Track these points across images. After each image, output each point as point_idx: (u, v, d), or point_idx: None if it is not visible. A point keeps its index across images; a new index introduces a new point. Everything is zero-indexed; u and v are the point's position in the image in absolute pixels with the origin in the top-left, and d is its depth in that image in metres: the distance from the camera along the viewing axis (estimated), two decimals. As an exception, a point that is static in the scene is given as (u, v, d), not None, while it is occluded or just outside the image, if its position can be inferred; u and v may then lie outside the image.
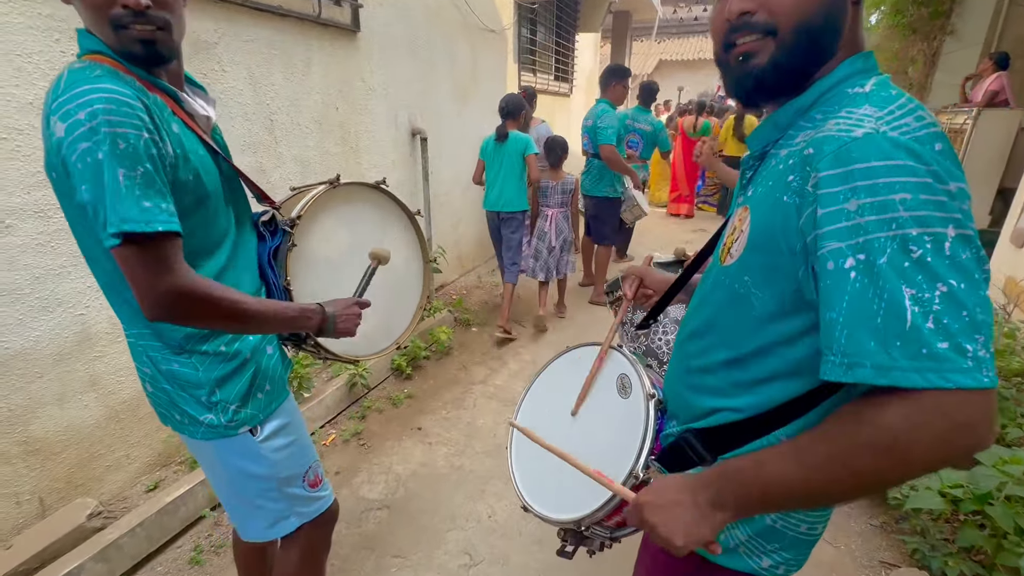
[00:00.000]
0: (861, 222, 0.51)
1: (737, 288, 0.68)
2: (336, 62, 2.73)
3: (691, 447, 0.76)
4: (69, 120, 0.75)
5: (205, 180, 0.93)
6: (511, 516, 2.06)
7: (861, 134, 0.53)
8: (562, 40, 6.47)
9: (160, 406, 1.04)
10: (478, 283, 4.61)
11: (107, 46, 0.84)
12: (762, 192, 0.65)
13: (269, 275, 1.11)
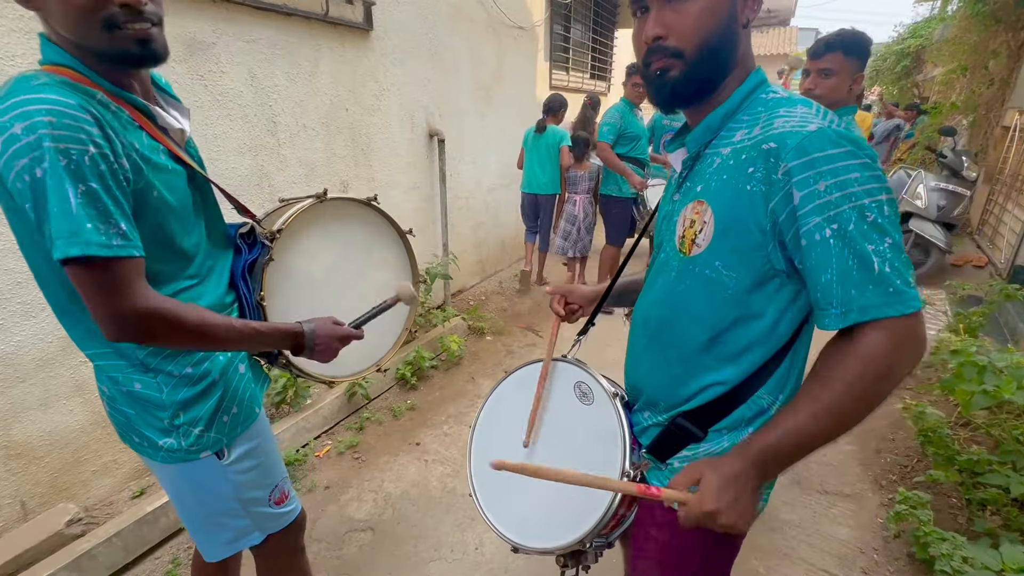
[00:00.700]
0: (830, 199, 0.65)
1: (708, 273, 0.77)
2: (346, 62, 2.66)
3: (683, 429, 0.86)
4: (4, 134, 0.69)
5: (169, 195, 0.88)
6: (499, 551, 1.91)
7: (815, 128, 0.66)
8: (599, 37, 6.22)
9: (119, 426, 1.01)
10: (499, 288, 4.48)
11: (73, 57, 0.79)
12: (718, 186, 0.75)
13: (241, 289, 1.07)
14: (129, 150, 0.81)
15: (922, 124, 7.26)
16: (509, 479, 0.97)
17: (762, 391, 0.81)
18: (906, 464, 2.30)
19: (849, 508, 2.09)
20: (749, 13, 0.75)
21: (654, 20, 0.74)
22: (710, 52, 0.74)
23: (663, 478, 0.89)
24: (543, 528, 0.96)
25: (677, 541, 0.89)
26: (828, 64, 1.87)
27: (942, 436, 1.95)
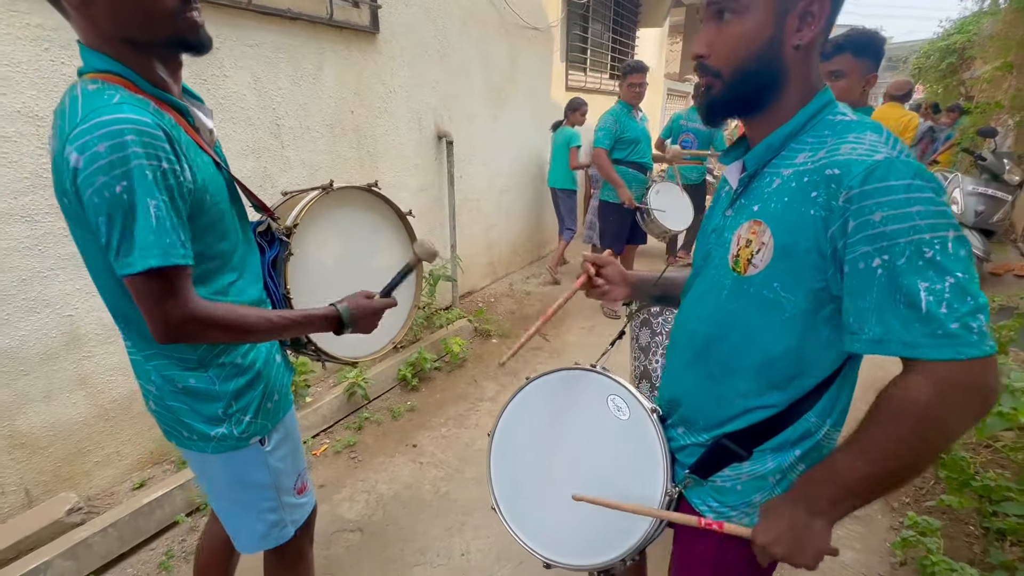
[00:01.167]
0: (884, 230, 0.63)
1: (766, 294, 0.76)
2: (351, 64, 2.68)
3: (727, 450, 0.85)
4: (87, 152, 0.73)
5: (218, 198, 0.93)
6: (485, 558, 1.89)
7: (881, 158, 0.65)
8: (620, 36, 6.13)
9: (165, 423, 1.05)
10: (508, 291, 4.45)
11: (127, 68, 0.82)
12: (779, 208, 0.74)
13: (269, 285, 1.13)
14: (189, 162, 0.85)
15: (961, 125, 6.85)
16: (534, 491, 1.03)
17: (809, 414, 0.80)
18: (920, 487, 2.17)
19: (856, 530, 1.98)
20: (802, 36, 0.73)
21: (701, 37, 0.78)
22: (746, 75, 0.76)
23: (704, 495, 0.91)
24: (579, 545, 0.96)
25: (723, 559, 0.90)
26: (838, 66, 1.82)
27: (956, 458, 1.82)
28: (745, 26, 0.73)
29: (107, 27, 0.80)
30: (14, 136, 1.60)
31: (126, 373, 2.01)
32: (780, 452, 0.83)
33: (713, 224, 0.90)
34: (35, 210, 1.67)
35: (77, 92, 0.79)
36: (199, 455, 1.06)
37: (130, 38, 0.82)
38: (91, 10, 0.79)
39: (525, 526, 1.02)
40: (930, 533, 1.71)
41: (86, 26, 0.81)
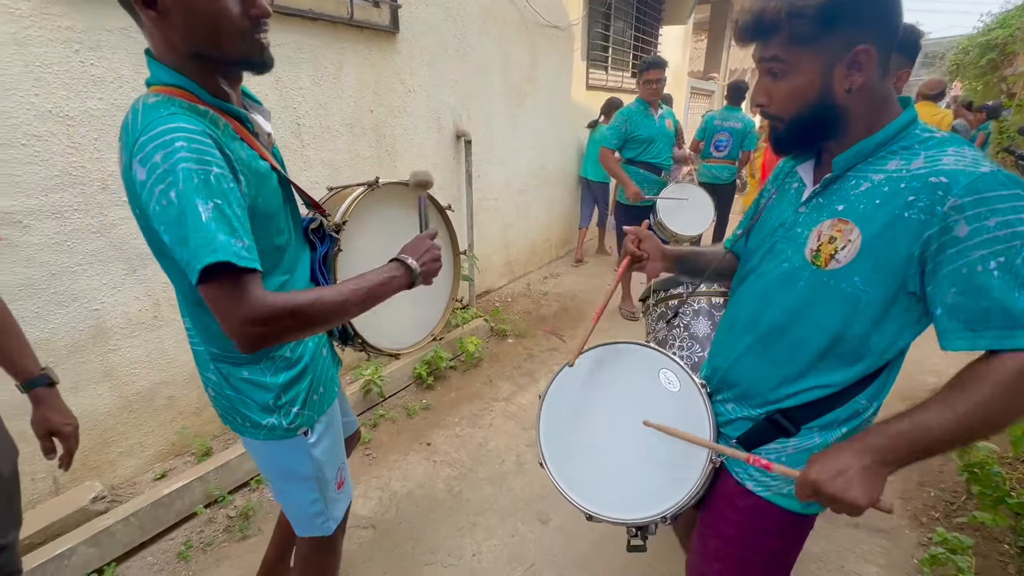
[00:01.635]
0: (999, 235, 0.69)
1: (845, 287, 0.83)
2: (371, 64, 2.70)
3: (777, 425, 0.93)
4: (147, 164, 0.77)
5: (271, 201, 0.96)
6: (496, 560, 1.88)
7: (987, 171, 0.72)
8: (642, 34, 6.05)
9: (222, 410, 1.11)
10: (526, 291, 4.44)
11: (187, 79, 0.86)
12: (869, 209, 0.80)
13: (320, 280, 1.16)
14: (240, 165, 0.87)
15: (986, 130, 6.56)
16: (580, 451, 1.11)
17: (860, 396, 0.88)
18: (952, 501, 2.07)
19: (881, 545, 1.91)
20: (853, 82, 0.79)
21: (759, 87, 0.88)
22: (802, 120, 0.85)
23: (743, 468, 0.98)
24: (622, 500, 1.02)
25: (756, 527, 0.97)
26: None
27: (990, 473, 1.73)
28: (794, 83, 0.82)
29: (179, 41, 0.84)
30: (45, 135, 1.65)
31: (149, 367, 2.07)
32: (828, 430, 0.90)
33: (780, 219, 0.95)
34: (64, 207, 1.73)
35: (139, 106, 0.83)
36: (252, 442, 1.13)
37: (199, 53, 0.85)
38: (166, 24, 0.83)
39: (571, 482, 1.07)
40: (961, 551, 1.64)
41: (159, 38, 0.85)
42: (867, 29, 0.76)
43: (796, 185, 0.96)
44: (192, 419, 2.25)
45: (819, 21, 0.76)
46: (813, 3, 0.75)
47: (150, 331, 2.03)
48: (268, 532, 1.98)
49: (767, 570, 1.00)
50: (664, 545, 1.88)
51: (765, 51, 0.83)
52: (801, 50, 0.79)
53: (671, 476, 1.00)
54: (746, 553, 0.99)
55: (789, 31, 0.79)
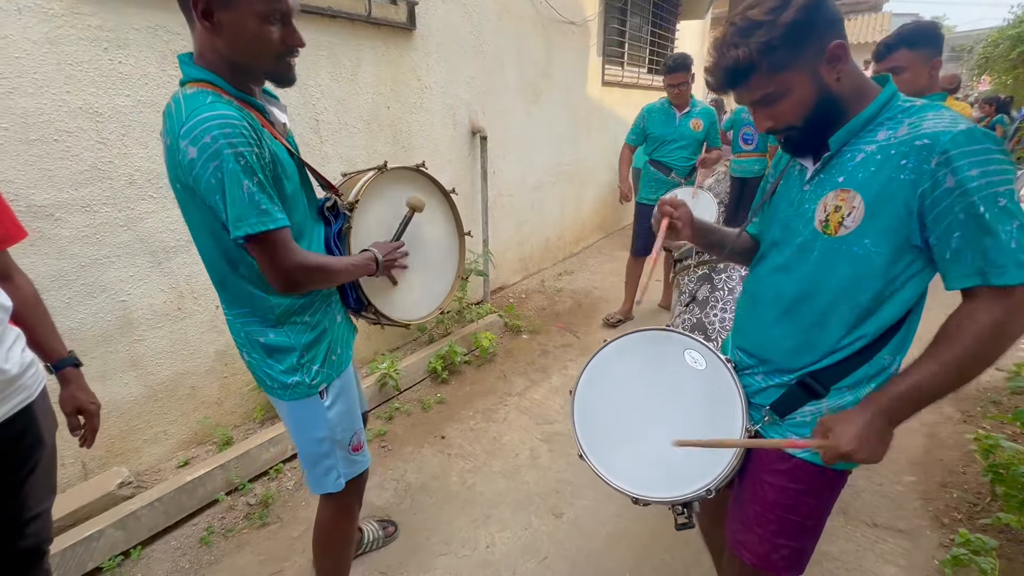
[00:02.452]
0: (982, 183, 0.77)
1: (856, 250, 0.90)
2: (388, 61, 2.73)
3: (808, 388, 1.00)
4: (199, 144, 0.92)
5: (289, 180, 1.09)
6: (510, 552, 1.89)
7: (965, 127, 0.79)
8: (659, 29, 5.99)
9: (255, 372, 1.24)
10: (540, 287, 4.44)
11: (217, 75, 1.00)
12: (866, 176, 0.88)
13: (335, 253, 1.27)
14: (267, 148, 1.01)
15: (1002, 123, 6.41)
16: (616, 438, 1.15)
17: (884, 351, 0.94)
18: (975, 502, 2.03)
19: (901, 545, 1.88)
20: (839, 71, 0.88)
21: (761, 118, 0.95)
22: (812, 119, 0.91)
23: (782, 431, 1.05)
24: (665, 480, 1.06)
25: (795, 487, 1.03)
26: (896, 62, 1.91)
27: (1016, 474, 1.69)
28: (793, 99, 0.89)
29: (223, 49, 0.99)
30: (76, 131, 1.70)
31: (173, 357, 2.12)
32: (857, 387, 0.97)
33: (789, 200, 1.02)
34: (93, 200, 1.78)
35: (180, 96, 0.97)
36: (278, 402, 1.27)
37: (236, 62, 1.01)
38: (215, 34, 0.98)
39: (611, 469, 1.11)
40: (984, 552, 1.60)
41: (206, 42, 0.99)
42: (828, 29, 0.86)
43: (799, 169, 1.03)
44: (213, 409, 2.31)
45: (789, 44, 0.84)
46: (777, 33, 0.83)
47: (174, 322, 2.09)
48: (287, 520, 2.03)
49: (804, 529, 1.05)
50: (677, 540, 1.87)
51: (752, 94, 0.91)
52: (785, 73, 0.87)
53: (709, 451, 1.04)
54: (786, 515, 1.04)
55: (767, 65, 0.86)
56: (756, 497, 1.08)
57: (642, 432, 1.14)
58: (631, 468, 1.10)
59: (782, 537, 1.06)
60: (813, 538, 1.08)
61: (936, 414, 2.66)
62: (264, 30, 0.98)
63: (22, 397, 1.05)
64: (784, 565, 1.07)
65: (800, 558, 1.08)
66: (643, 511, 1.97)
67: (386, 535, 1.92)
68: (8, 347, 1.02)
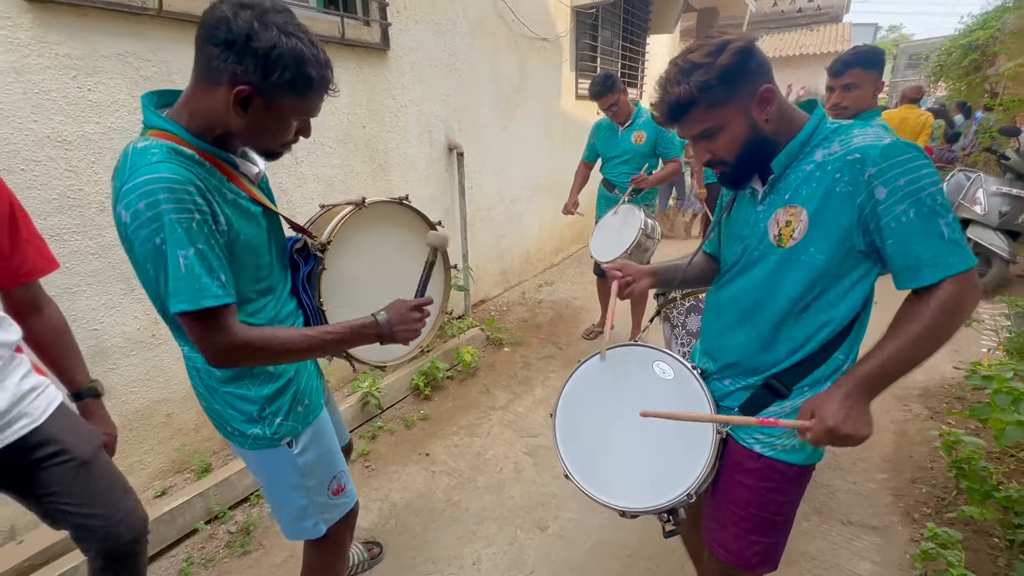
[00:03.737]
0: (910, 190, 0.86)
1: (804, 258, 0.98)
2: (362, 81, 2.75)
3: (772, 389, 1.07)
4: (131, 210, 0.86)
5: (254, 237, 1.03)
6: (496, 567, 1.90)
7: (889, 141, 0.89)
8: (630, 43, 6.15)
9: (213, 419, 1.17)
10: (521, 299, 4.47)
11: (179, 126, 0.94)
12: (808, 192, 0.97)
13: (304, 299, 1.22)
14: (222, 207, 0.95)
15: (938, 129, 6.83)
16: (598, 454, 1.19)
17: (837, 353, 1.02)
18: (943, 497, 2.11)
19: (875, 542, 1.94)
20: (768, 112, 0.98)
21: (700, 150, 1.04)
22: (744, 157, 1.01)
23: (750, 431, 1.10)
24: (648, 490, 1.10)
25: (765, 485, 1.09)
26: (850, 79, 2.06)
27: (976, 468, 1.77)
28: (728, 135, 0.99)
29: (236, 129, 0.94)
30: (44, 160, 1.68)
31: (147, 385, 2.09)
32: (816, 386, 1.04)
33: (745, 219, 1.10)
34: (63, 230, 1.76)
35: (129, 150, 0.91)
36: (240, 450, 1.18)
37: (240, 139, 0.98)
38: (238, 117, 0.92)
39: (597, 485, 1.14)
40: (951, 545, 1.67)
41: (215, 113, 0.93)
42: (758, 75, 0.95)
43: (750, 192, 1.11)
44: (191, 436, 2.27)
45: (724, 84, 0.94)
46: (714, 74, 0.93)
47: (148, 349, 2.05)
48: (269, 547, 2.00)
49: (775, 525, 1.12)
50: (661, 549, 1.90)
51: (692, 128, 1.00)
52: (721, 110, 0.96)
53: (686, 456, 1.09)
54: (759, 512, 1.10)
55: (705, 101, 0.95)
56: (729, 497, 1.14)
57: (621, 446, 1.17)
58: (614, 482, 1.14)
59: (755, 534, 1.11)
60: (784, 534, 1.14)
61: (905, 412, 2.76)
62: (285, 127, 0.97)
63: (21, 424, 1.10)
64: (758, 561, 1.13)
65: (773, 554, 1.14)
66: (626, 522, 2.00)
67: (371, 557, 1.91)
68: (2, 381, 1.08)
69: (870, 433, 0.88)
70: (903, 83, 17.21)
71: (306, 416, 1.20)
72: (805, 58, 14.74)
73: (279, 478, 1.21)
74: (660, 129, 3.08)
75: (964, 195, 4.37)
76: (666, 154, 3.17)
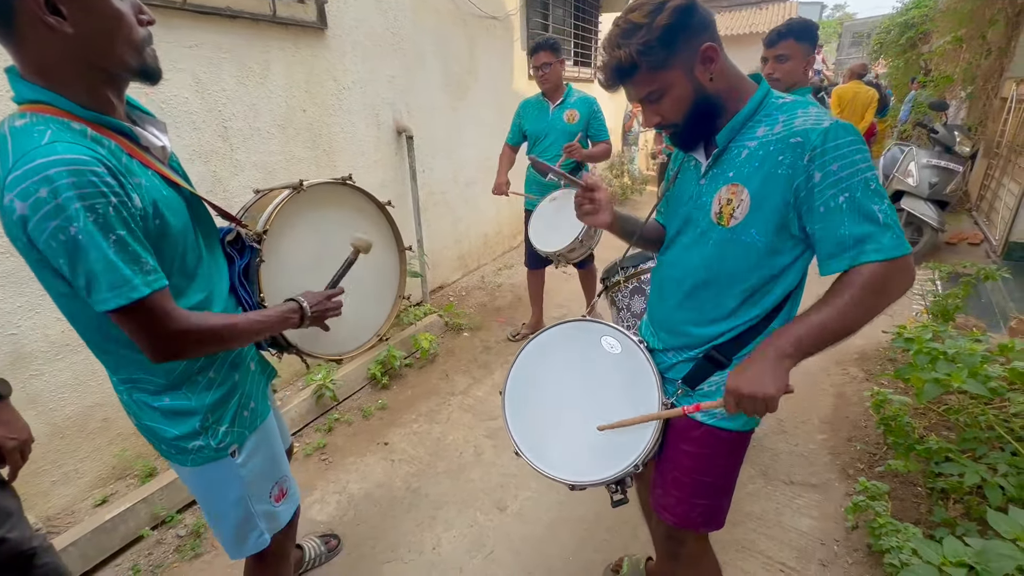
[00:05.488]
0: (842, 175, 0.87)
1: (744, 239, 0.99)
2: (300, 62, 2.63)
3: (714, 360, 1.10)
4: (30, 199, 0.72)
5: (172, 220, 0.91)
6: (456, 550, 1.91)
7: (828, 124, 0.89)
8: (581, 22, 6.11)
9: (148, 437, 1.08)
10: (480, 283, 4.46)
11: (58, 95, 0.80)
12: (750, 171, 0.96)
13: (242, 295, 1.12)
14: (135, 188, 0.83)
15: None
16: (548, 431, 1.20)
17: (774, 323, 1.06)
18: (874, 452, 2.25)
19: (814, 499, 2.06)
20: (712, 70, 0.96)
21: (648, 113, 1.03)
22: (692, 117, 1.00)
23: (691, 401, 1.12)
24: (596, 463, 1.12)
25: (705, 451, 1.13)
26: (783, 51, 2.02)
27: (902, 424, 1.90)
28: (673, 96, 0.97)
29: (74, 50, 0.79)
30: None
31: (78, 390, 1.97)
32: None
33: (688, 192, 1.09)
34: (-35, 227, 1.61)
35: (5, 131, 0.77)
36: (180, 468, 1.11)
37: (94, 65, 0.82)
38: (59, 35, 0.77)
39: (547, 461, 1.16)
40: (879, 497, 1.79)
41: (44, 49, 0.78)
42: (699, 32, 0.93)
43: (694, 163, 1.11)
44: (132, 440, 2.16)
45: (663, 46, 0.92)
46: (654, 35, 0.91)
47: (75, 352, 1.93)
48: (221, 549, 1.94)
49: (717, 488, 1.17)
50: (616, 520, 1.96)
51: (639, 91, 0.99)
52: (664, 72, 0.95)
53: (632, 428, 1.12)
54: (700, 477, 1.15)
55: (647, 64, 0.94)
56: (674, 464, 1.18)
57: (570, 421, 1.19)
58: (565, 457, 1.16)
59: (698, 497, 1.16)
60: (726, 495, 1.19)
61: (843, 375, 2.92)
62: (120, 12, 0.81)
63: None
64: (702, 521, 1.18)
65: (717, 514, 1.19)
66: (583, 496, 2.05)
67: (329, 549, 1.89)
68: None
69: (772, 392, 0.87)
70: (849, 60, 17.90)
71: (253, 420, 1.14)
72: (754, 36, 15.03)
73: (219, 493, 1.13)
74: (593, 109, 2.94)
75: (898, 168, 4.60)
76: (597, 136, 2.99)
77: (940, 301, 2.64)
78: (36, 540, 1.23)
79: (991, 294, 3.71)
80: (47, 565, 1.24)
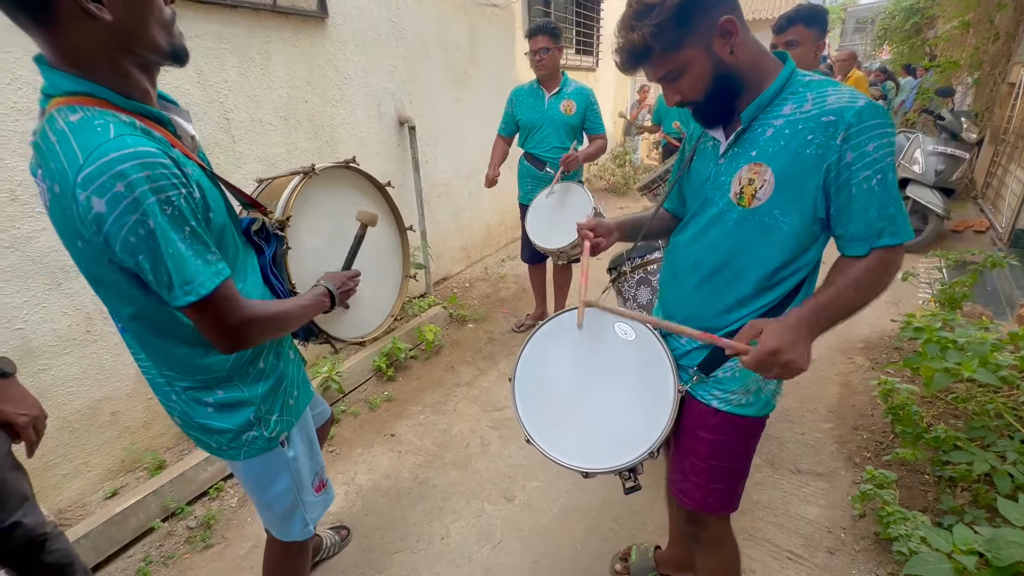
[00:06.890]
0: (876, 156, 0.86)
1: (767, 220, 0.96)
2: (301, 52, 2.60)
3: None
4: (108, 195, 0.72)
5: (217, 211, 0.91)
6: (465, 540, 1.92)
7: (863, 104, 0.86)
8: (584, 10, 6.03)
9: (194, 435, 1.08)
10: (484, 275, 4.45)
11: (103, 87, 0.77)
12: (775, 150, 0.93)
13: (275, 284, 1.12)
14: (191, 180, 0.82)
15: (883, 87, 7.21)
16: (559, 417, 1.16)
17: (790, 308, 1.02)
18: (881, 441, 2.26)
19: (821, 487, 2.07)
20: (733, 44, 0.92)
21: (669, 92, 1.00)
22: (713, 93, 0.96)
23: (708, 388, 1.12)
24: (609, 450, 1.10)
25: (723, 438, 1.12)
26: (792, 36, 2.02)
27: (910, 413, 1.90)
28: (692, 74, 0.94)
29: (110, 36, 0.76)
30: (-63, 146, 1.52)
31: (86, 383, 1.97)
32: None
33: (705, 174, 1.07)
34: (-30, 222, 1.61)
35: (61, 125, 0.74)
36: (232, 462, 1.11)
37: (129, 49, 0.79)
38: (95, 23, 0.74)
39: (558, 447, 1.13)
40: (886, 485, 1.79)
41: (80, 37, 0.75)
42: (716, 5, 0.89)
43: (711, 143, 1.07)
44: (141, 433, 2.17)
45: (678, 25, 0.89)
46: (667, 15, 0.88)
47: (83, 346, 1.93)
48: (232, 539, 1.96)
49: (733, 473, 1.17)
50: (624, 509, 1.97)
51: (656, 72, 0.97)
52: (680, 51, 0.91)
53: (646, 415, 1.10)
54: (717, 463, 1.15)
55: (661, 45, 0.91)
56: (691, 451, 1.18)
57: (583, 407, 1.17)
58: (578, 444, 1.13)
59: (715, 482, 1.17)
60: (741, 479, 1.20)
61: (849, 364, 2.92)
62: None
63: None
64: (719, 505, 1.19)
65: (732, 498, 1.20)
66: (591, 484, 2.06)
67: (340, 540, 1.90)
68: None
69: (806, 367, 0.87)
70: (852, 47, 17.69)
71: (297, 408, 1.16)
72: (759, 23, 14.86)
73: (274, 483, 1.15)
74: (590, 101, 2.83)
75: (903, 155, 4.56)
76: (593, 129, 2.87)
77: (947, 289, 2.62)
78: (48, 527, 1.25)
79: (997, 281, 3.70)
80: (58, 551, 1.26)
